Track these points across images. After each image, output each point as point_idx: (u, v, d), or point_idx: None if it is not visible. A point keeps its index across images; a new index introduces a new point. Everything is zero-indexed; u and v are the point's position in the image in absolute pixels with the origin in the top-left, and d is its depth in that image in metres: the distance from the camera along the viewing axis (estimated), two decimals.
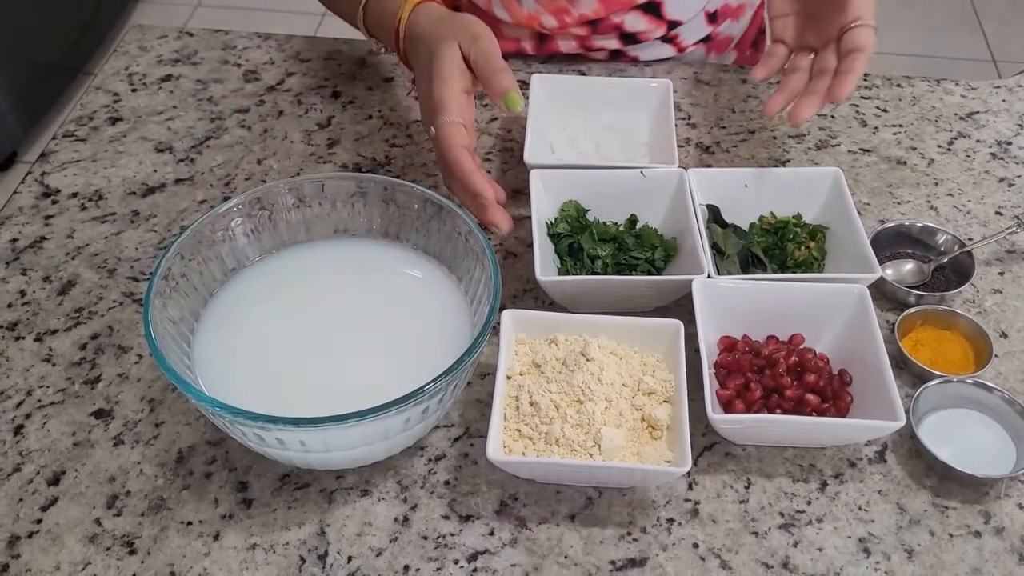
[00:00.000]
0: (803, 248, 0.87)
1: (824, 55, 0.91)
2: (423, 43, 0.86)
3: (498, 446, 0.70)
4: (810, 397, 0.75)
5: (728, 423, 0.73)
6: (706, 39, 1.14)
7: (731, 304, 0.79)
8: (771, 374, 0.76)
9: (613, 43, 1.10)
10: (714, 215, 0.88)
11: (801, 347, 0.79)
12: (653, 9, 1.08)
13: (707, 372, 0.74)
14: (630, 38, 1.10)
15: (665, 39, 1.11)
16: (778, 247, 0.87)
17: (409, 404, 0.65)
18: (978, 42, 2.83)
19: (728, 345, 0.79)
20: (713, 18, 1.13)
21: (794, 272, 0.86)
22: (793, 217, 0.89)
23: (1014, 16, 2.92)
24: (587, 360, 0.73)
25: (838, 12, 0.89)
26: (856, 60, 0.87)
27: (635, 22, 1.08)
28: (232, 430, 0.67)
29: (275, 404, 0.66)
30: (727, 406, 0.75)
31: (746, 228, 0.89)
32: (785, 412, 0.75)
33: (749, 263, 0.86)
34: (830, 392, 0.76)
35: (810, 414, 0.74)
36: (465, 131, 0.80)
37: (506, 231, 0.80)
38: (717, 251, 0.85)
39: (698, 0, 1.10)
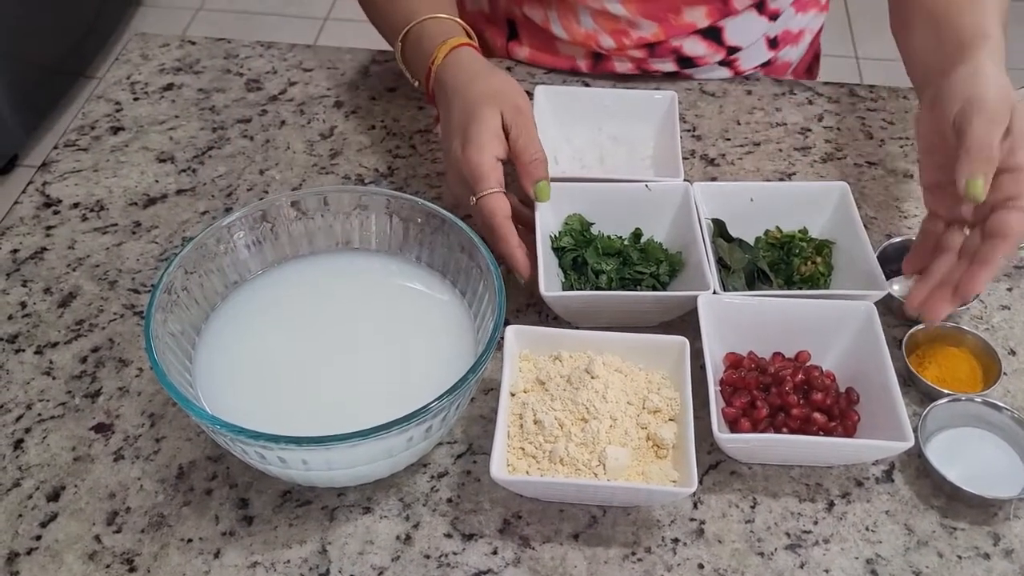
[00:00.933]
0: (809, 263, 0.86)
1: (973, 235, 0.77)
2: (458, 97, 0.84)
3: (501, 465, 0.69)
4: (817, 416, 0.74)
5: (734, 443, 0.72)
6: (766, 64, 1.13)
7: (737, 320, 0.79)
8: (777, 392, 0.75)
9: (670, 66, 1.09)
10: (719, 229, 0.87)
11: (808, 364, 0.78)
12: (714, 34, 1.07)
13: (712, 390, 0.73)
14: (688, 62, 1.09)
15: (723, 63, 1.11)
16: (784, 262, 0.87)
17: (413, 423, 0.64)
18: None
19: (734, 362, 0.78)
20: (774, 43, 1.12)
21: (800, 287, 0.85)
22: (799, 231, 0.88)
23: (1016, 22, 2.91)
24: (592, 377, 0.72)
25: (991, 187, 0.74)
26: (994, 249, 0.72)
27: (694, 47, 1.07)
28: (233, 447, 0.67)
29: (277, 420, 0.66)
30: (733, 424, 0.75)
31: (752, 242, 0.88)
32: (791, 431, 0.74)
33: (755, 278, 0.85)
34: (837, 411, 0.75)
35: (817, 433, 0.74)
36: (505, 198, 0.80)
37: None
38: (723, 266, 0.85)
39: (759, 26, 1.09)
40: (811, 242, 0.87)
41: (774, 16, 1.09)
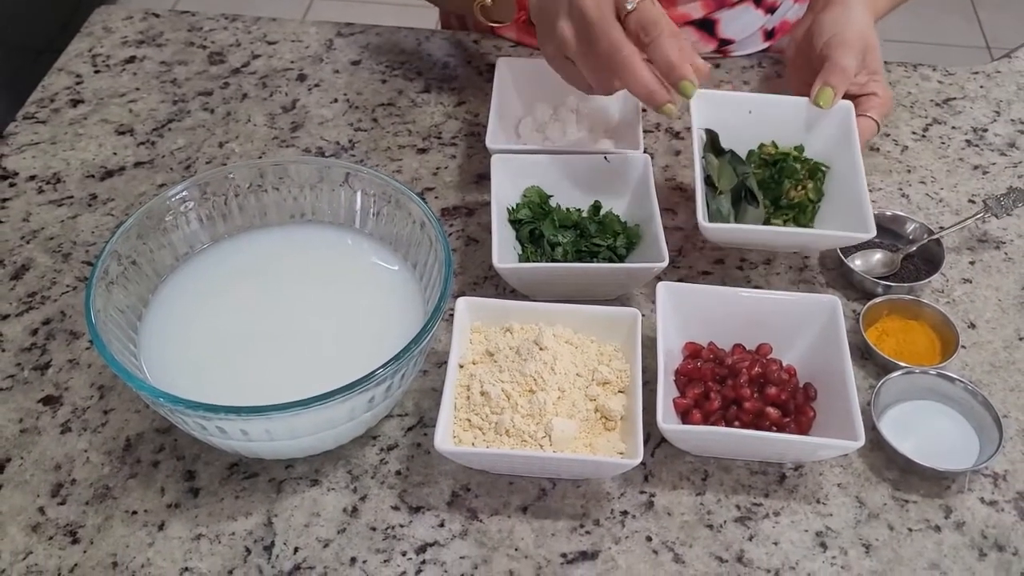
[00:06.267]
0: (800, 188, 0.84)
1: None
2: None
3: (447, 436, 0.68)
4: (770, 410, 0.72)
5: (677, 434, 0.70)
6: (761, 52, 1.12)
7: (699, 309, 0.77)
8: (732, 384, 0.73)
9: None
10: (711, 141, 0.84)
11: (767, 358, 0.76)
12: (707, 26, 1.05)
13: (661, 379, 0.71)
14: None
15: (714, 53, 1.09)
16: (774, 182, 0.84)
17: (354, 392, 0.63)
18: (972, 29, 2.80)
19: (693, 352, 0.76)
20: (771, 35, 1.10)
21: (787, 213, 0.83)
22: (795, 149, 0.86)
23: (1010, 3, 2.89)
24: (540, 349, 0.72)
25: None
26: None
27: (685, 35, 1.05)
28: (174, 418, 0.66)
29: (223, 393, 0.65)
30: (684, 415, 0.73)
31: (744, 157, 0.85)
32: (743, 424, 0.72)
33: (742, 197, 0.82)
34: (793, 406, 0.73)
35: (769, 428, 0.72)
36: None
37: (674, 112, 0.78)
38: (709, 185, 0.82)
39: (755, 19, 1.07)
40: (805, 163, 0.85)
41: (771, 9, 1.07)
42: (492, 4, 0.89)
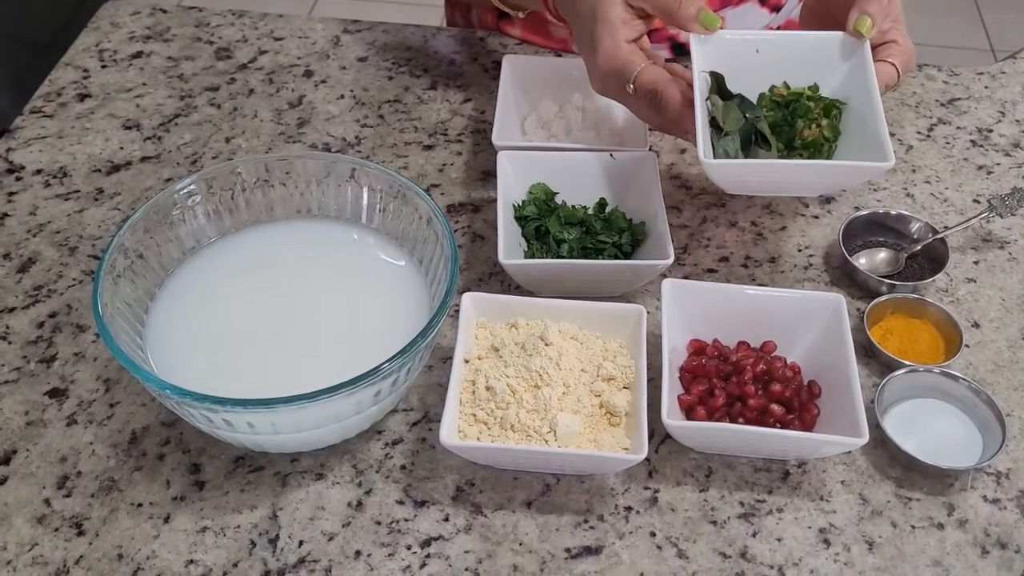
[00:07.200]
0: (814, 127, 0.80)
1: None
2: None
3: (452, 431, 0.68)
4: (774, 407, 0.72)
5: (681, 430, 0.71)
6: None
7: (704, 307, 0.77)
8: (737, 381, 0.73)
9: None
10: (717, 84, 0.79)
11: (771, 355, 0.76)
12: None
13: (666, 376, 0.71)
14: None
15: None
16: (787, 123, 0.80)
17: (360, 386, 0.64)
18: (977, 31, 2.80)
19: (697, 349, 0.77)
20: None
21: (801, 153, 0.80)
22: (808, 88, 0.81)
23: (1014, 4, 2.89)
24: (546, 345, 0.72)
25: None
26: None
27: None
28: (181, 411, 0.66)
29: (230, 386, 0.65)
30: (689, 412, 0.73)
31: (754, 100, 0.81)
32: (748, 421, 0.72)
33: (752, 141, 0.79)
34: (797, 403, 0.73)
35: (773, 425, 0.72)
36: (659, 68, 0.79)
37: None
38: (715, 127, 0.79)
39: (760, 18, 1.07)
40: (820, 102, 0.80)
41: (776, 8, 1.07)
42: None
